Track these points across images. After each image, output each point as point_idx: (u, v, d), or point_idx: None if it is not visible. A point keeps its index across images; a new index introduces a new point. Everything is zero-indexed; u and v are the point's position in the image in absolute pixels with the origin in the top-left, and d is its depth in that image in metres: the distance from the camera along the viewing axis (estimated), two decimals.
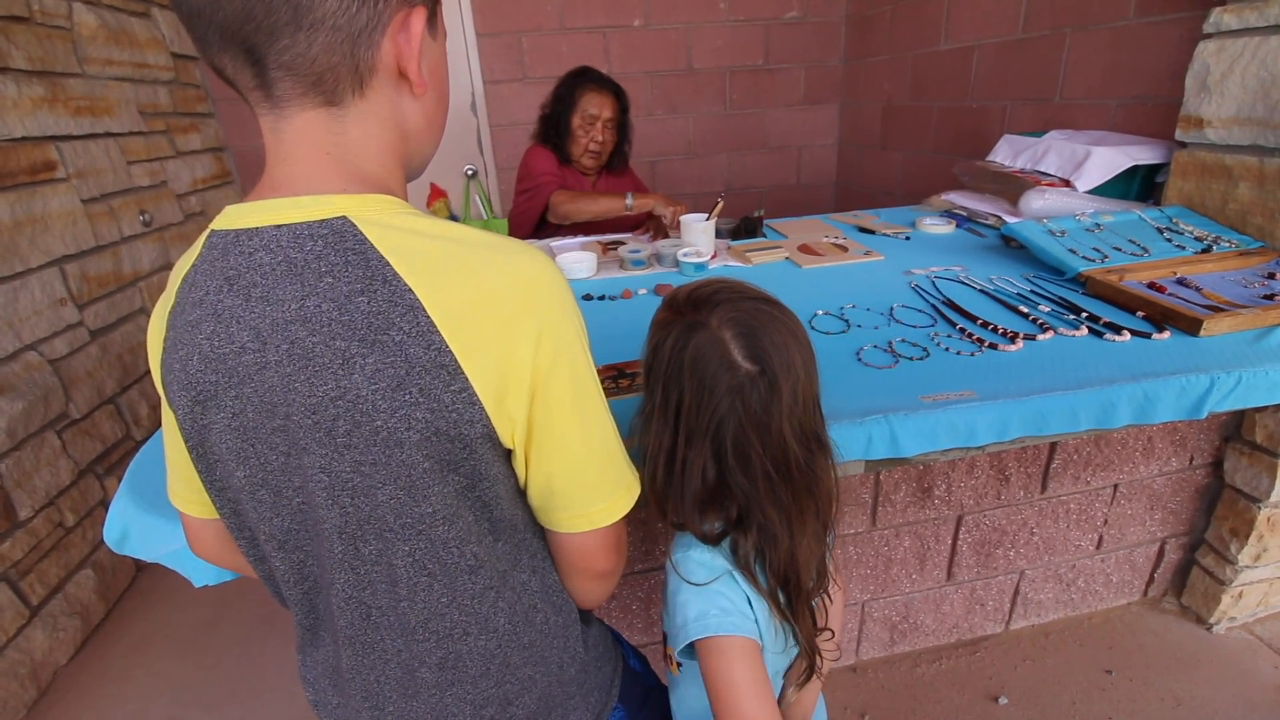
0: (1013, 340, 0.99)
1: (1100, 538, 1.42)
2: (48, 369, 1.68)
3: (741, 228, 1.62)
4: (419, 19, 0.44)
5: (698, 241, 1.40)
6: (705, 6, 2.84)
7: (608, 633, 0.71)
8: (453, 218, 3.11)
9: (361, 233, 0.42)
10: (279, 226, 0.42)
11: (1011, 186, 1.61)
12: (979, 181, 1.75)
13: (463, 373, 0.41)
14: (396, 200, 0.46)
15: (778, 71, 3.03)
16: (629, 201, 1.70)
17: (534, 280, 0.44)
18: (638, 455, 0.66)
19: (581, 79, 1.77)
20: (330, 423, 0.42)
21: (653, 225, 1.72)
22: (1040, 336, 1.00)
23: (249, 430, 0.44)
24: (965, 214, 1.68)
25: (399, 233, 0.43)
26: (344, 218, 0.42)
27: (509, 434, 0.45)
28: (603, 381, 0.93)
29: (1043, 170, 1.62)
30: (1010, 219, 1.54)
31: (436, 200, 3.11)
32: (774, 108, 3.11)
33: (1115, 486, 1.36)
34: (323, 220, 0.42)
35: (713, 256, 1.42)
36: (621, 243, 1.64)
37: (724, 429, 0.58)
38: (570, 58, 2.80)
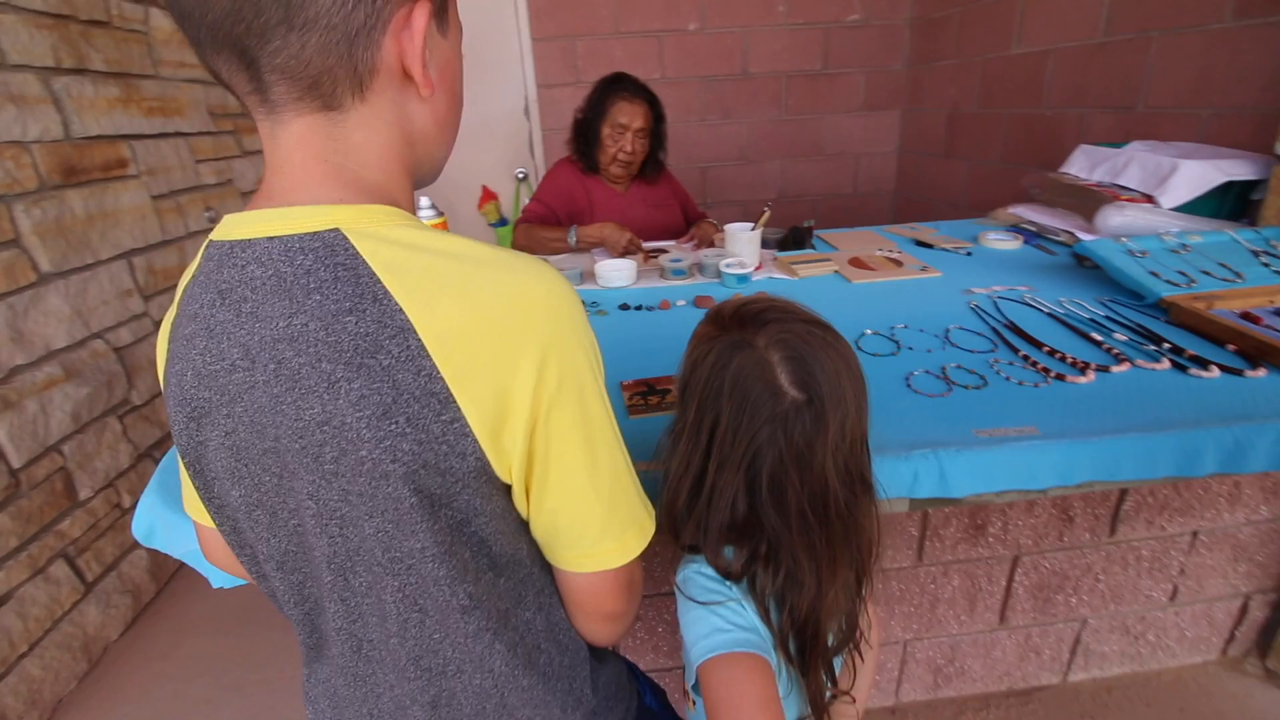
0: (1083, 371, 0.90)
1: (1175, 589, 1.30)
2: (113, 356, 1.76)
3: (789, 238, 1.56)
4: (422, 15, 0.41)
5: (742, 252, 1.35)
6: (763, 10, 2.78)
7: (623, 669, 0.67)
8: (502, 221, 3.14)
9: (353, 246, 0.39)
10: (271, 239, 0.40)
11: (1087, 201, 1.49)
12: (1051, 195, 1.63)
13: (454, 402, 0.38)
14: (397, 211, 0.43)
15: (837, 76, 2.94)
16: (570, 238, 1.66)
17: (538, 300, 0.40)
18: (661, 476, 0.62)
19: (614, 87, 1.74)
20: (317, 448, 0.39)
21: (698, 233, 1.68)
22: (1115, 368, 0.91)
23: (242, 449, 0.43)
24: (1034, 229, 1.57)
25: (394, 247, 0.40)
26: (336, 230, 0.39)
27: (506, 468, 0.41)
28: (631, 398, 0.90)
29: (1123, 184, 1.49)
30: (1085, 236, 1.43)
31: (488, 202, 3.15)
32: (832, 113, 3.01)
33: (1194, 534, 1.24)
34: (314, 233, 0.39)
35: (757, 268, 1.37)
36: (665, 250, 1.60)
37: (761, 459, 0.54)
38: (624, 61, 2.78)
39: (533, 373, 0.39)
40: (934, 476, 0.73)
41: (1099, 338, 1.00)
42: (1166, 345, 0.96)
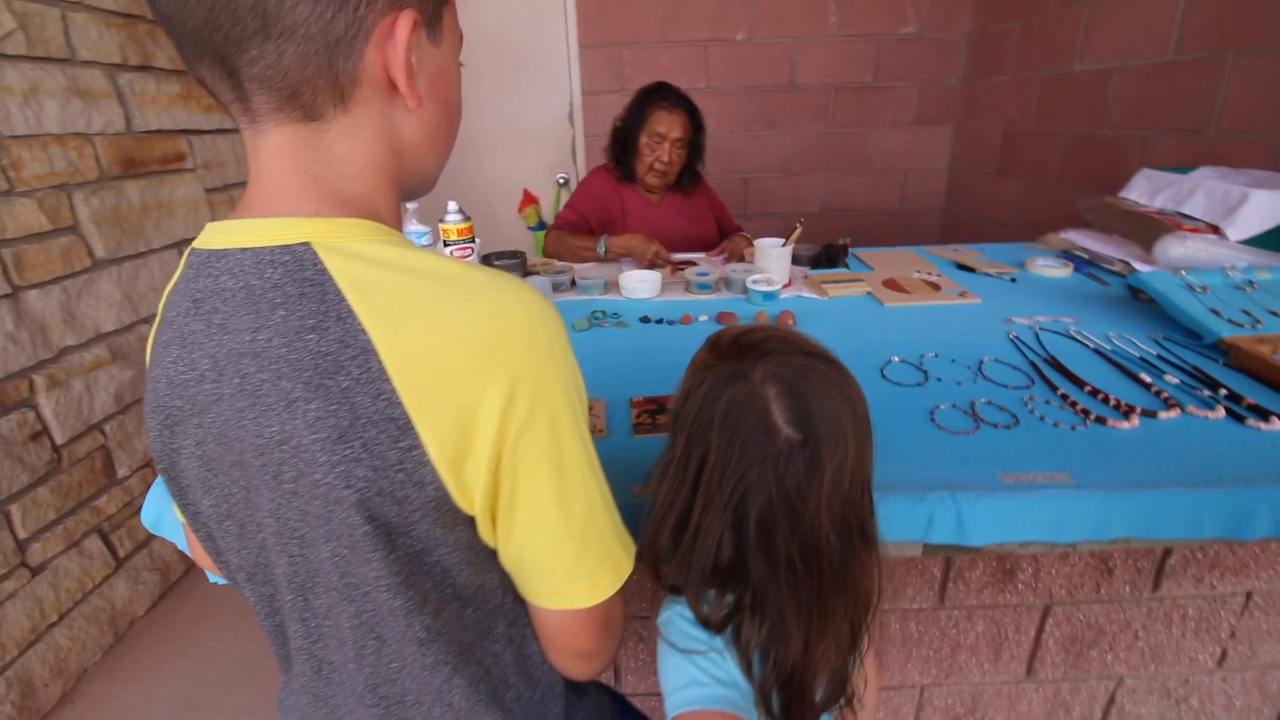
0: (1127, 415, 0.83)
1: (1224, 652, 1.20)
2: None
3: (823, 256, 1.51)
4: (405, 24, 0.40)
5: (770, 268, 1.31)
6: (813, 21, 2.72)
7: (606, 704, 0.64)
8: (541, 224, 3.16)
9: (321, 262, 0.38)
10: (244, 250, 0.39)
11: (1146, 229, 1.40)
12: (1107, 220, 1.54)
13: (413, 428, 0.36)
14: (375, 225, 0.41)
15: (887, 89, 2.86)
16: (600, 248, 1.63)
17: (511, 324, 0.38)
18: (647, 507, 0.59)
19: (654, 96, 1.72)
20: (277, 467, 0.38)
21: (729, 246, 1.65)
22: (1163, 414, 0.84)
23: (211, 460, 0.42)
24: (1086, 256, 1.49)
25: (365, 263, 0.38)
26: (307, 244, 0.38)
27: (468, 499, 0.39)
28: (639, 416, 0.87)
29: (1186, 213, 1.40)
30: (1141, 267, 1.34)
31: (528, 206, 3.18)
32: (880, 127, 2.93)
33: (1248, 595, 1.14)
34: (285, 246, 0.38)
35: (785, 285, 1.33)
36: (693, 263, 1.58)
37: (750, 502, 0.50)
38: (669, 70, 2.77)
39: (500, 401, 0.37)
40: (950, 522, 0.69)
41: (1148, 379, 0.93)
42: (1223, 391, 0.89)
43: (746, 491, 0.50)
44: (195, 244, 0.42)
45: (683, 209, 1.86)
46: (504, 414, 0.37)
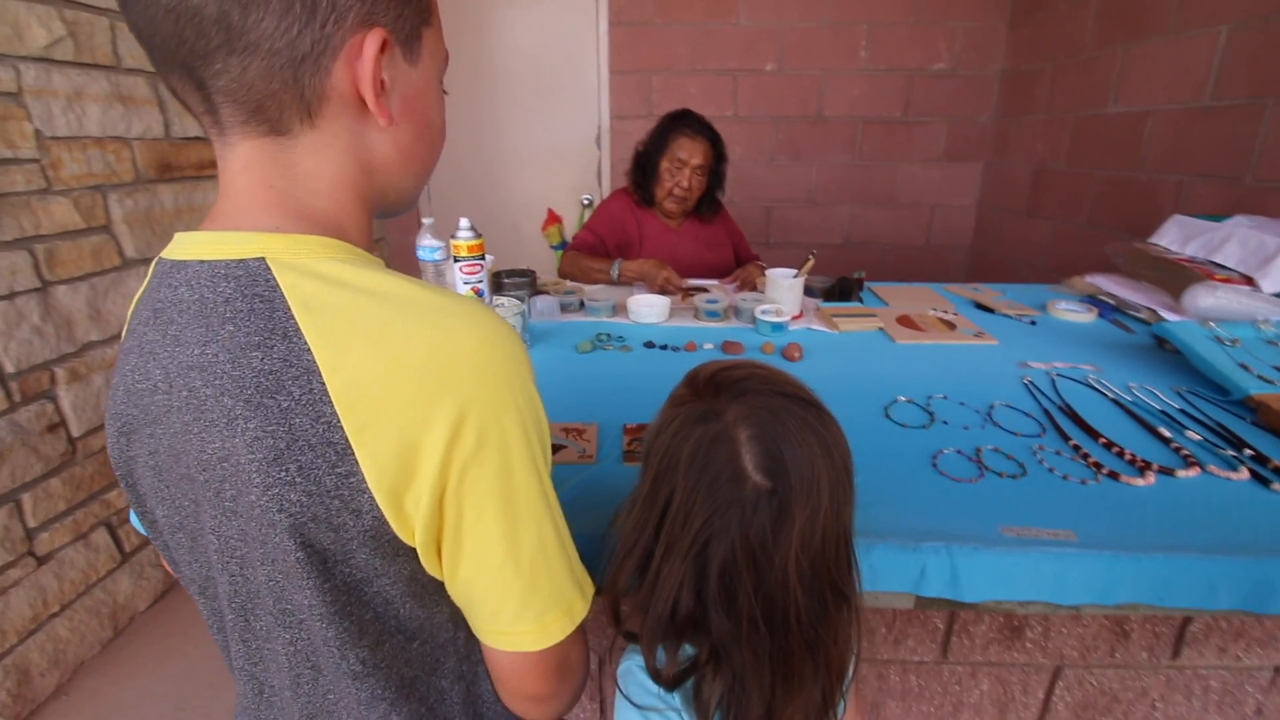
0: (1142, 471, 0.79)
1: None
2: None
3: (837, 288, 1.49)
4: (374, 43, 0.39)
5: (781, 299, 1.29)
6: (845, 54, 2.73)
7: None
8: (564, 243, 3.18)
9: (274, 278, 0.37)
10: (203, 262, 0.39)
11: (1175, 276, 1.35)
12: (1135, 266, 1.49)
13: (352, 454, 0.35)
14: (335, 243, 0.41)
15: (916, 125, 2.84)
16: (613, 272, 1.62)
17: (465, 351, 0.37)
18: (612, 543, 0.57)
19: (678, 122, 1.73)
20: (218, 484, 0.38)
21: (742, 275, 1.63)
22: (1181, 472, 0.79)
23: (164, 471, 0.42)
24: (1112, 302, 1.44)
25: (319, 281, 0.38)
26: (261, 259, 0.38)
27: (408, 530, 0.38)
28: (630, 443, 0.85)
29: (1218, 261, 1.35)
30: (1169, 315, 1.29)
31: (551, 225, 3.20)
32: (908, 162, 2.91)
33: (1276, 670, 1.06)
34: (240, 260, 0.38)
35: (796, 317, 1.31)
36: (705, 290, 1.56)
37: (711, 550, 0.48)
38: (698, 98, 2.79)
39: (445, 431, 0.36)
40: (944, 574, 0.65)
41: (1168, 434, 0.88)
42: (1248, 451, 0.84)
43: (710, 538, 0.47)
44: (163, 253, 0.42)
45: (700, 236, 1.85)
46: (449, 444, 0.36)
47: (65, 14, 1.48)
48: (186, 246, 0.40)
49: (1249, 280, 1.27)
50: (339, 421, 0.35)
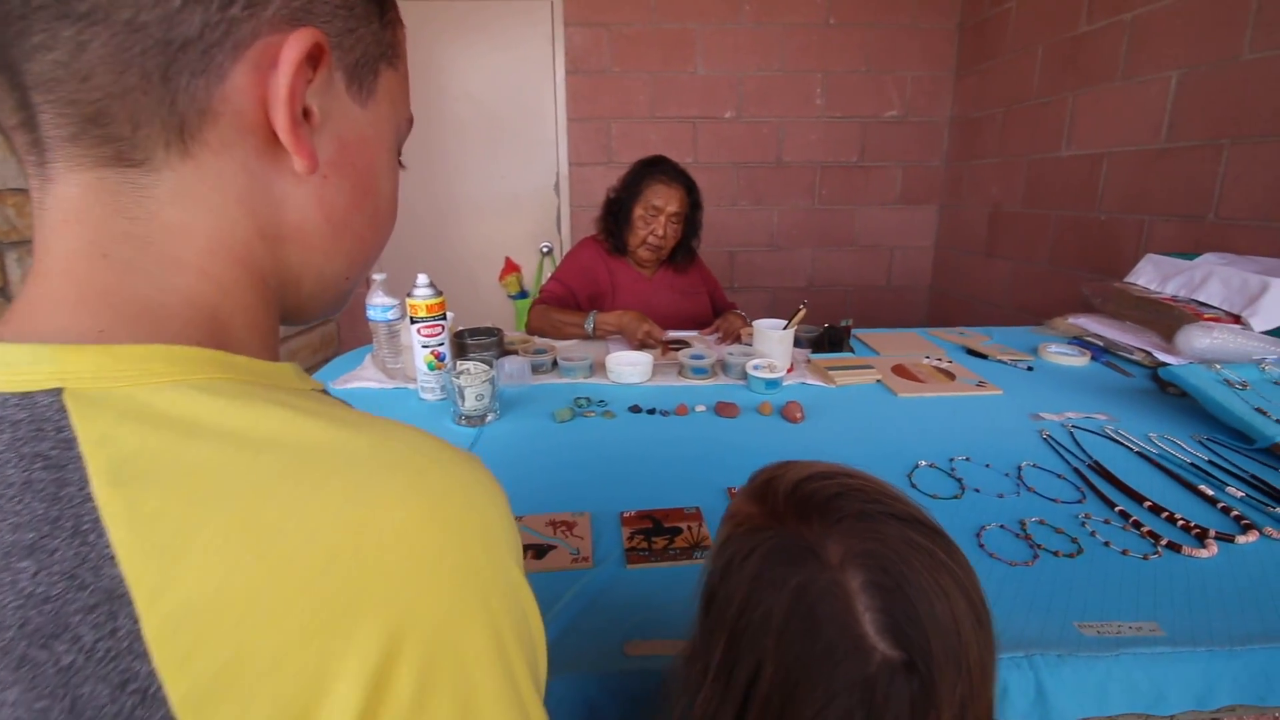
0: (1201, 540, 0.71)
1: None
2: None
3: (825, 338, 1.42)
4: (296, 47, 0.26)
5: (772, 352, 1.20)
6: (801, 102, 2.76)
7: None
8: (523, 293, 3.07)
9: (71, 427, 0.23)
10: None
11: (1163, 316, 1.33)
12: (1117, 307, 1.48)
13: None
14: (198, 355, 0.26)
15: (873, 169, 2.88)
16: (588, 325, 1.51)
17: (394, 531, 0.23)
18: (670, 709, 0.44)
19: (652, 169, 1.67)
20: None
21: (724, 326, 1.55)
22: (1240, 538, 0.72)
23: None
24: (1100, 344, 1.41)
25: (147, 429, 0.23)
26: (57, 392, 0.24)
27: None
28: (630, 538, 0.72)
29: (1202, 300, 1.34)
30: (1164, 357, 1.26)
31: (510, 274, 3.09)
32: (866, 205, 2.94)
33: None
34: (26, 394, 0.24)
35: (788, 370, 1.22)
36: (686, 344, 1.47)
37: None
38: (658, 145, 2.76)
39: (363, 675, 0.21)
40: (1028, 695, 0.54)
41: (1210, 492, 0.81)
42: None
43: None
44: None
45: (675, 285, 1.77)
46: (370, 697, 0.21)
47: None
48: None
49: (1236, 319, 1.26)
50: (161, 689, 0.20)
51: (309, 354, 2.55)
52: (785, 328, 1.23)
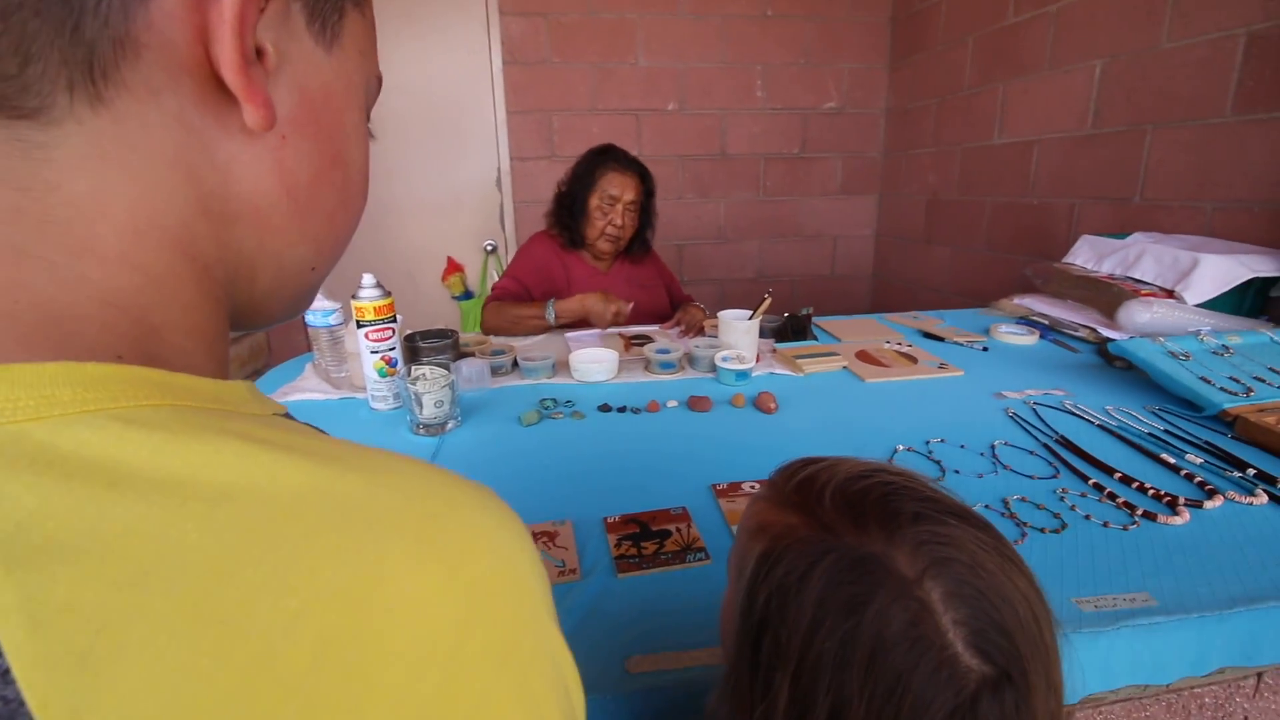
0: (1173, 507, 0.73)
1: None
2: None
3: (787, 327, 1.41)
4: None
5: (738, 343, 1.18)
6: (742, 94, 2.77)
7: None
8: (467, 294, 2.96)
9: None
10: None
11: (1103, 294, 1.39)
12: (1058, 286, 1.53)
13: None
14: (120, 373, 0.20)
15: (814, 160, 2.93)
16: (549, 314, 1.48)
17: (412, 616, 0.18)
18: None
19: (604, 158, 1.62)
20: None
21: (685, 319, 1.52)
22: (1208, 504, 0.74)
23: None
24: (1046, 322, 1.46)
25: (51, 483, 0.16)
26: None
27: None
28: (618, 544, 0.68)
29: (1136, 277, 1.40)
30: (1107, 332, 1.31)
31: (453, 274, 2.97)
32: (810, 196, 2.98)
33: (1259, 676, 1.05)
34: None
35: (756, 360, 1.20)
36: (649, 338, 1.43)
37: None
38: (601, 138, 2.69)
39: None
40: None
41: (1171, 460, 0.84)
42: (1251, 470, 0.81)
43: None
44: None
45: (633, 278, 1.73)
46: None
47: None
48: None
49: (1170, 294, 1.32)
50: None
51: (236, 367, 2.38)
52: (750, 318, 1.22)
